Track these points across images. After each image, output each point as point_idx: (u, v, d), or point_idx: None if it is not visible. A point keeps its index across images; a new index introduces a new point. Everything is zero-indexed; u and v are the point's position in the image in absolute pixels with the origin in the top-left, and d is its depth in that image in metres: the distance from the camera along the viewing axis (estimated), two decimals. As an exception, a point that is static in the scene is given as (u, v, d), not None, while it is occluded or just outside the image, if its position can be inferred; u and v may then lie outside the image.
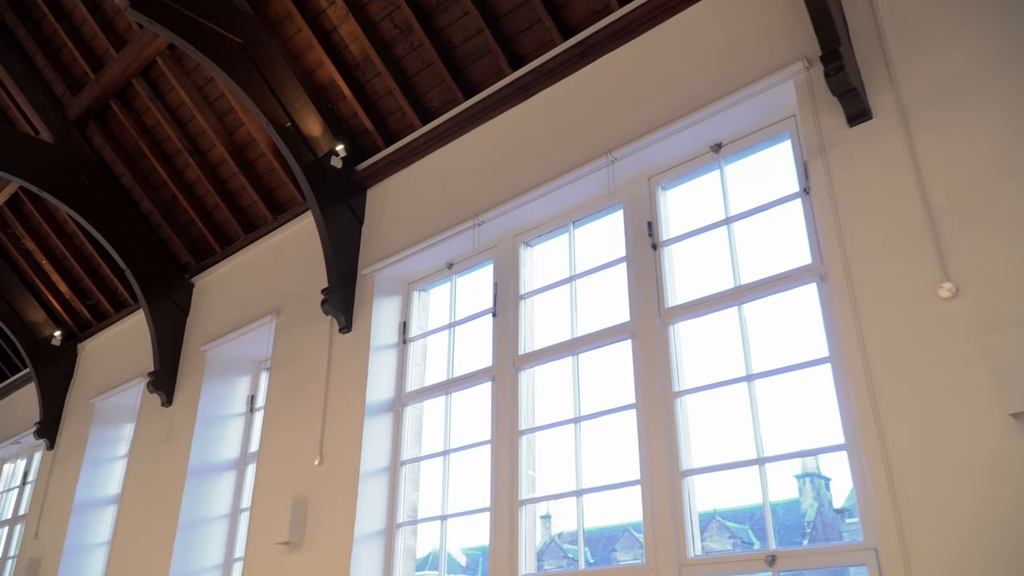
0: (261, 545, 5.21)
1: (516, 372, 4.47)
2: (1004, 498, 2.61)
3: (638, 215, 4.21)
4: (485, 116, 5.02)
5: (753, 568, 3.26)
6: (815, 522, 21.23)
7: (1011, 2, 3.11)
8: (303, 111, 5.55)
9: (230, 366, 6.61)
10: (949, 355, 2.86)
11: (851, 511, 20.31)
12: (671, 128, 4.01)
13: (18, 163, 6.42)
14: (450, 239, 4.95)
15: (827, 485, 22.39)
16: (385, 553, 4.70)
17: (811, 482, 21.80)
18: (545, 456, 4.38)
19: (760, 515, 23.60)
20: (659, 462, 3.65)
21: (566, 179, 4.38)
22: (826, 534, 21.33)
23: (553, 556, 25.23)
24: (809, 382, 4.37)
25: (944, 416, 2.81)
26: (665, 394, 3.76)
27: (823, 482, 22.14)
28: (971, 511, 2.66)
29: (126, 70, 6.29)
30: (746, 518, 23.11)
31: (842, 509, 20.79)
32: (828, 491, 22.46)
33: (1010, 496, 2.60)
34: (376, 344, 5.16)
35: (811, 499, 21.70)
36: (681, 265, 4.07)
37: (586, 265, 4.46)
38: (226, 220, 6.77)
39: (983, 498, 2.65)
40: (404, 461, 4.91)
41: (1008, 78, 3.02)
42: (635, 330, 3.98)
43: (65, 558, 7.21)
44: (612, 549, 23.18)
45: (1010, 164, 2.92)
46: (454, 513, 4.52)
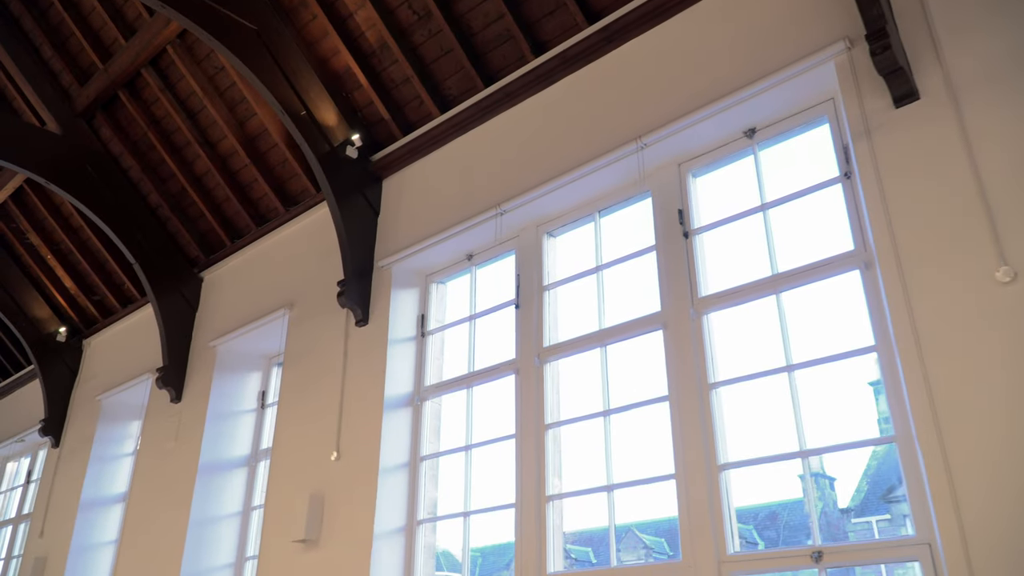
0: (276, 543, 5.09)
1: (541, 365, 4.35)
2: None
3: (668, 203, 4.09)
4: (506, 104, 4.90)
5: (798, 565, 3.15)
6: (820, 522, 21.16)
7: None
8: (318, 100, 5.43)
9: (241, 361, 6.49)
10: (1008, 342, 2.74)
11: (857, 511, 20.23)
12: (703, 113, 3.89)
13: (25, 154, 6.30)
14: (470, 229, 4.84)
15: (831, 485, 22.28)
16: (406, 550, 4.57)
17: (815, 482, 21.67)
18: (571, 451, 4.27)
19: (764, 515, 23.46)
20: (695, 456, 3.53)
21: (593, 166, 4.26)
22: (831, 534, 21.25)
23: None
24: (847, 373, 4.26)
25: (1005, 406, 2.69)
26: (700, 386, 3.64)
27: (827, 482, 22.02)
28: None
29: (135, 59, 6.17)
30: (750, 518, 22.98)
31: (848, 509, 20.70)
32: (833, 491, 22.34)
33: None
34: (394, 337, 5.04)
35: (815, 499, 21.62)
36: (714, 254, 3.95)
37: (613, 255, 4.34)
38: (236, 213, 6.65)
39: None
40: (424, 456, 4.79)
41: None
42: (667, 320, 3.86)
43: (72, 557, 7.09)
44: (616, 550, 23.03)
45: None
46: (478, 510, 4.39)
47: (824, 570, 3.07)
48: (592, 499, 4.08)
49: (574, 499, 4.09)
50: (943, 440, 2.77)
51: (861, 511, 20.24)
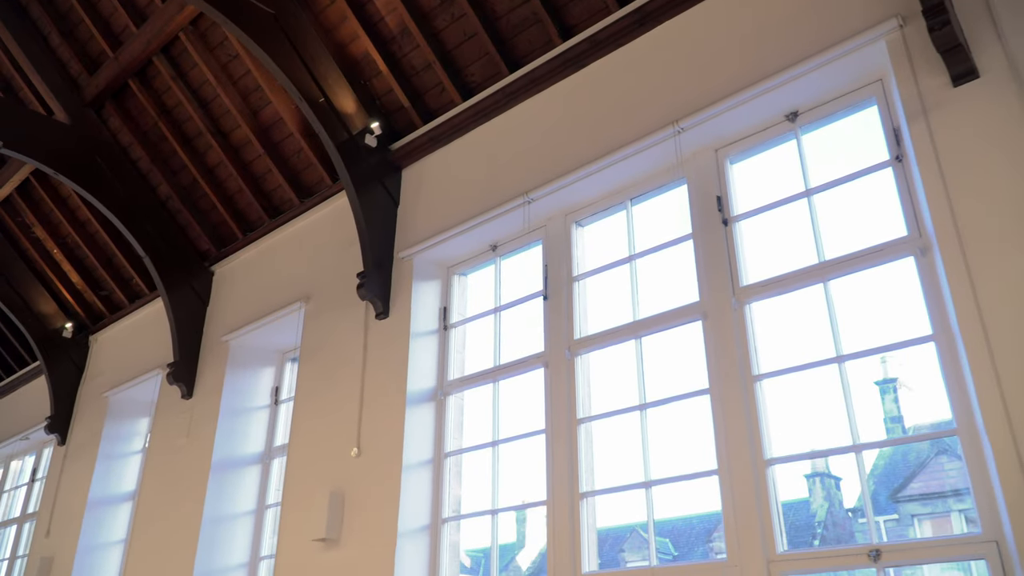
0: (294, 541, 4.95)
1: (572, 357, 4.21)
2: None
3: (705, 190, 3.95)
4: (532, 90, 4.76)
5: (854, 564, 3.01)
6: (826, 522, 21.01)
7: None
8: (336, 86, 5.28)
9: (253, 356, 6.34)
10: (1083, 329, 2.60)
11: (863, 511, 20.06)
12: (742, 97, 3.75)
13: (32, 144, 6.15)
14: (495, 219, 4.69)
15: (837, 485, 22.13)
16: (431, 549, 4.43)
17: (821, 482, 21.54)
18: (602, 446, 4.13)
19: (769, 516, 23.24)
20: (739, 450, 3.40)
21: (626, 152, 4.12)
22: (837, 534, 21.11)
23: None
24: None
25: (1082, 395, 2.55)
26: (744, 378, 3.50)
27: (833, 482, 21.88)
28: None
29: (147, 47, 6.02)
30: (755, 518, 22.78)
31: (854, 509, 20.55)
32: (839, 491, 22.20)
33: None
34: (416, 330, 4.90)
35: (821, 499, 21.45)
36: (755, 242, 3.81)
37: (645, 244, 4.20)
38: (249, 205, 6.50)
39: None
40: (448, 453, 4.64)
41: None
42: (707, 311, 3.72)
43: (79, 557, 6.94)
44: (620, 550, 22.86)
45: None
46: (507, 507, 4.25)
47: (882, 569, 2.93)
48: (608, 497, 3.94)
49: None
50: (1014, 432, 2.63)
51: (866, 512, 20.05)
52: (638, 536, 23.03)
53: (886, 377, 21.46)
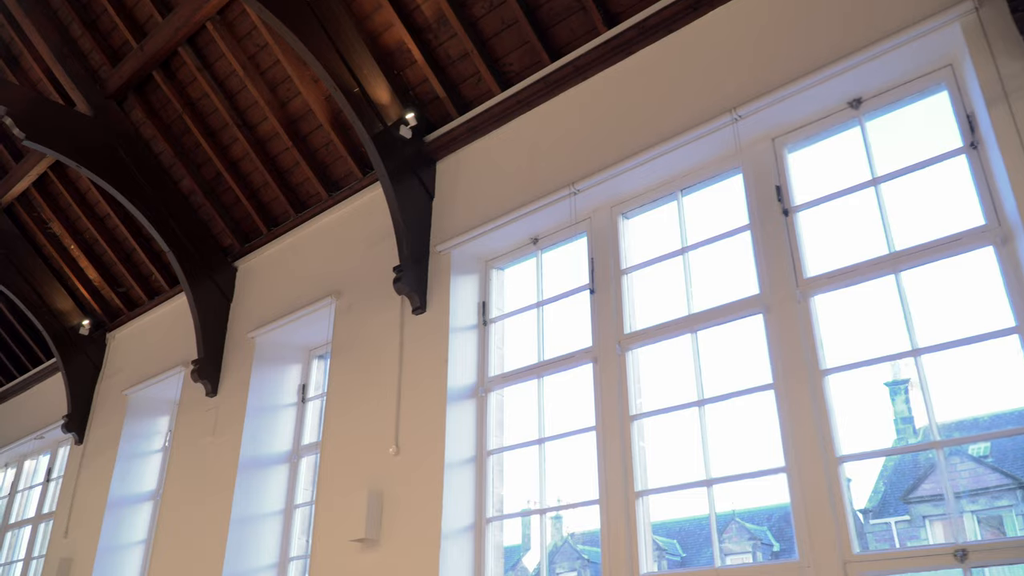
0: (330, 542, 4.82)
1: (623, 353, 4.09)
2: None
3: (763, 179, 3.84)
4: (576, 79, 4.65)
5: (938, 564, 2.90)
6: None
7: None
8: (370, 76, 5.17)
9: (280, 353, 6.22)
10: None
11: (875, 512, 19.98)
12: (804, 83, 3.64)
13: (55, 137, 6.03)
14: (538, 211, 4.58)
15: (847, 486, 22.01)
16: (475, 550, 4.31)
17: (829, 482, 21.44)
18: (654, 443, 4.01)
19: (777, 516, 23.20)
20: (808, 447, 3.28)
21: (679, 141, 4.01)
22: (847, 535, 21.00)
23: (566, 558, 24.74)
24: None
25: None
26: (811, 372, 3.39)
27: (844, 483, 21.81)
28: None
29: (173, 37, 5.90)
30: (764, 519, 22.75)
31: (865, 510, 20.46)
32: (848, 492, 22.08)
33: None
34: (455, 325, 4.78)
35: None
36: (818, 232, 3.70)
37: (697, 236, 4.09)
38: (274, 199, 6.38)
39: None
40: (491, 451, 4.52)
41: None
42: (769, 303, 3.61)
43: (100, 558, 6.81)
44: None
45: None
46: (559, 506, 4.14)
47: (968, 570, 2.82)
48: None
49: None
50: (1118, 427, 2.51)
51: (879, 512, 19.98)
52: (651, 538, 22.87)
53: (896, 378, 21.38)
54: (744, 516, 22.50)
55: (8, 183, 7.67)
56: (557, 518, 25.99)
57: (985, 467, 18.84)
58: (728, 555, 21.08)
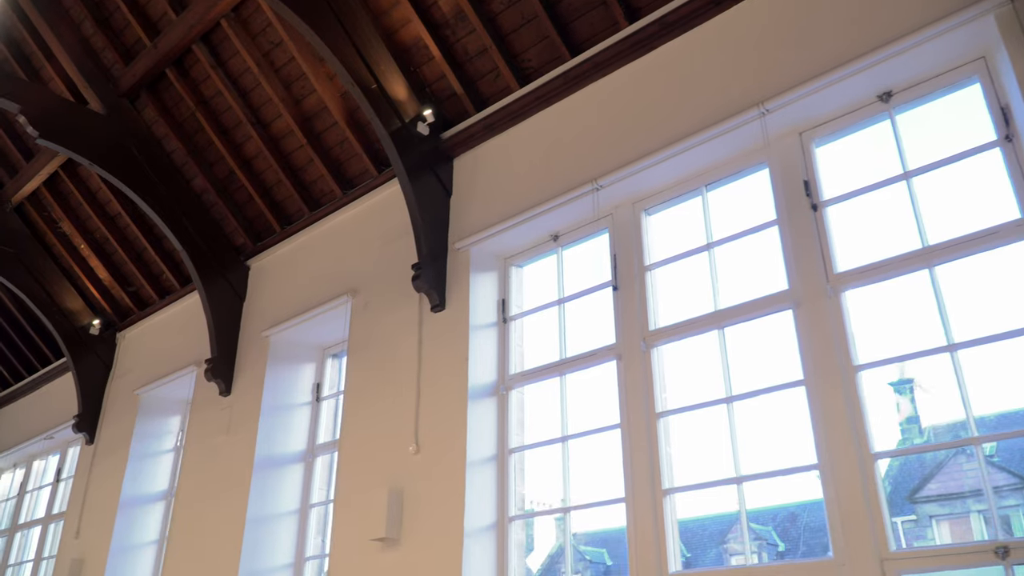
0: (349, 541, 4.78)
1: (647, 350, 4.05)
2: None
3: (790, 174, 3.80)
4: (597, 74, 4.61)
5: (977, 562, 2.86)
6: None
7: None
8: (388, 72, 5.13)
9: (294, 352, 6.19)
10: None
11: (881, 511, 19.95)
12: (834, 76, 3.60)
13: (68, 135, 5.99)
14: (559, 208, 4.54)
15: (882, 484, 21.97)
16: (498, 549, 4.28)
17: (836, 482, 21.40)
18: (680, 441, 3.98)
19: (782, 516, 23.16)
20: (842, 444, 3.24)
21: (704, 136, 3.97)
22: (853, 535, 20.98)
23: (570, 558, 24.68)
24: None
25: None
26: (844, 368, 3.35)
27: (848, 482, 21.77)
28: None
29: (187, 34, 5.86)
30: (769, 519, 22.71)
31: (872, 509, 20.36)
32: (883, 490, 22.01)
33: None
34: (474, 323, 4.75)
35: (836, 499, 21.30)
36: (847, 227, 3.66)
37: (723, 231, 4.05)
38: (288, 197, 6.35)
39: None
40: (512, 449, 4.49)
41: None
42: (799, 299, 3.57)
43: (112, 558, 6.77)
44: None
45: None
46: (585, 504, 4.10)
47: (1011, 566, 2.78)
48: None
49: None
50: None
51: (886, 512, 19.89)
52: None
53: (902, 378, 21.34)
54: (748, 516, 22.45)
55: (19, 182, 7.64)
56: (560, 519, 26.02)
57: (992, 466, 18.85)
58: (733, 555, 21.05)
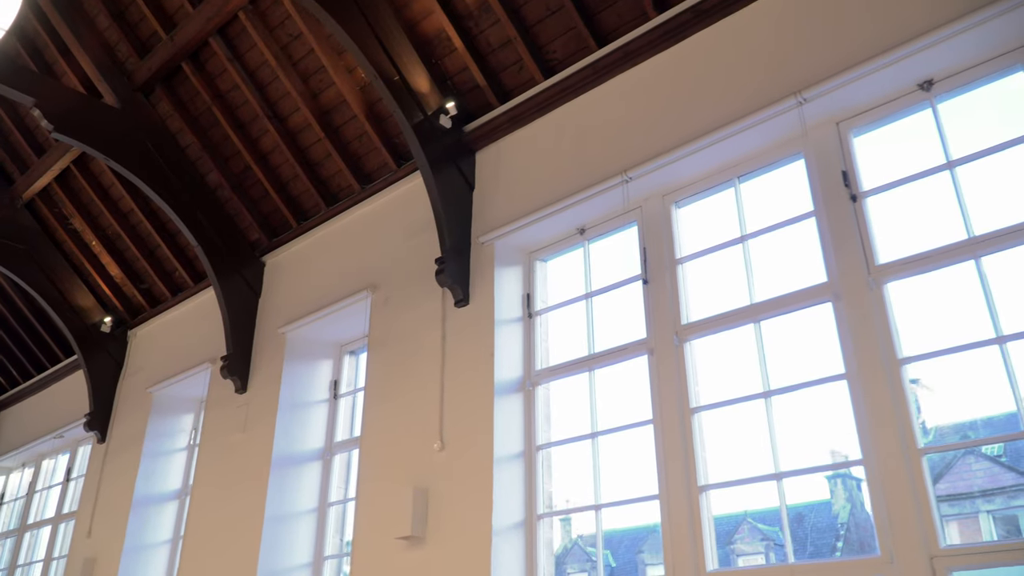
0: (372, 540, 4.71)
1: (680, 344, 3.98)
2: None
3: (827, 164, 3.72)
4: (625, 65, 4.54)
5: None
6: (848, 523, 20.88)
7: None
8: (410, 64, 5.06)
9: (310, 349, 6.11)
10: None
11: (889, 512, 19.89)
12: (874, 64, 3.53)
13: (83, 129, 5.92)
14: (586, 200, 4.47)
15: (859, 486, 21.97)
16: (526, 547, 4.20)
17: (842, 483, 21.38)
18: (713, 437, 3.90)
19: (790, 517, 23.09)
20: (887, 438, 3.17)
21: (739, 126, 3.89)
22: (859, 536, 20.98)
23: (576, 560, 24.67)
24: None
25: None
26: (887, 363, 3.28)
27: (854, 483, 21.75)
28: None
29: (204, 27, 5.79)
30: (775, 520, 22.64)
31: (880, 510, 20.30)
32: (860, 492, 22.04)
33: None
34: (499, 318, 4.67)
35: (843, 500, 21.27)
36: (887, 218, 3.59)
37: (756, 223, 3.98)
38: (304, 192, 6.27)
39: None
40: (540, 445, 4.41)
41: None
42: (838, 291, 3.50)
43: (125, 557, 6.70)
44: (639, 551, 22.64)
45: None
46: (617, 501, 4.02)
47: (1069, 565, 2.71)
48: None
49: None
50: None
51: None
52: (657, 537, 22.77)
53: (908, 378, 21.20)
54: (755, 517, 22.43)
55: (30, 178, 7.58)
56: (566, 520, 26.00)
57: (1000, 466, 18.75)
58: (740, 556, 21.00)
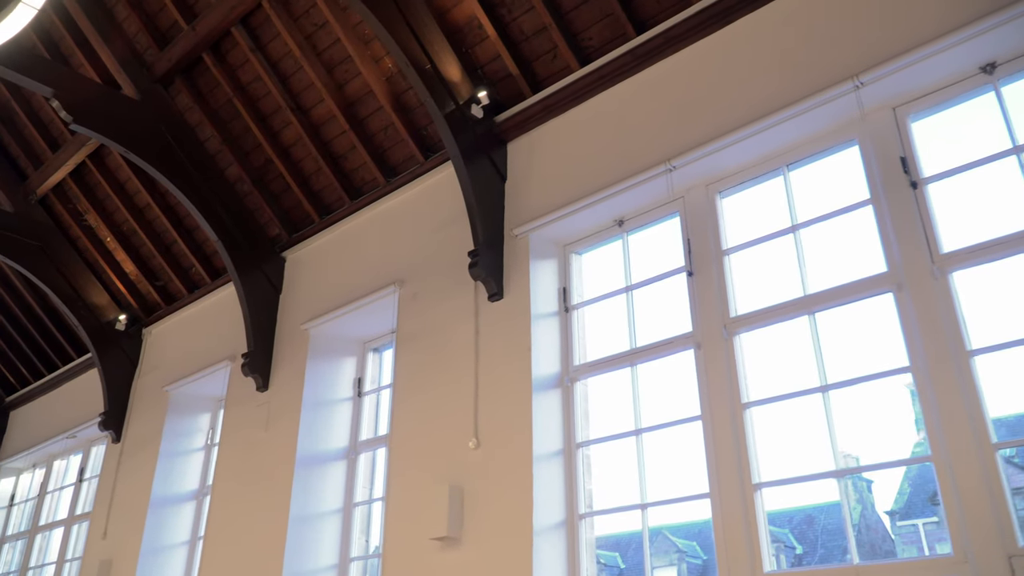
0: (404, 540, 4.58)
1: (729, 337, 3.85)
2: None
3: (885, 151, 3.60)
4: (666, 51, 4.41)
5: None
6: (859, 525, 20.69)
7: None
8: (441, 53, 4.94)
9: (334, 346, 5.98)
10: None
11: (901, 514, 19.69)
12: (935, 47, 3.41)
13: (102, 121, 5.80)
14: (626, 191, 4.35)
15: (869, 488, 21.83)
16: (568, 547, 4.07)
17: (853, 484, 21.19)
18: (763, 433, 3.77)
19: (800, 519, 22.93)
20: (959, 433, 3.04)
21: (791, 111, 3.77)
22: (871, 538, 20.79)
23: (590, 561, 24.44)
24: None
25: None
26: (955, 354, 3.15)
27: (865, 484, 21.57)
28: None
29: (227, 16, 5.67)
30: (785, 521, 22.46)
31: (892, 511, 20.16)
32: (871, 494, 21.89)
33: None
34: (536, 312, 4.54)
35: (854, 502, 21.07)
36: (950, 205, 3.46)
37: (807, 213, 3.85)
38: (327, 186, 6.14)
39: None
40: (580, 443, 4.28)
41: None
42: (900, 282, 3.37)
43: (143, 559, 6.56)
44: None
45: None
46: (659, 501, 3.89)
47: None
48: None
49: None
50: None
51: (905, 514, 19.71)
52: (664, 539, 22.64)
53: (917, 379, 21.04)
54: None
55: (44, 174, 7.46)
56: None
57: (1014, 467, 18.61)
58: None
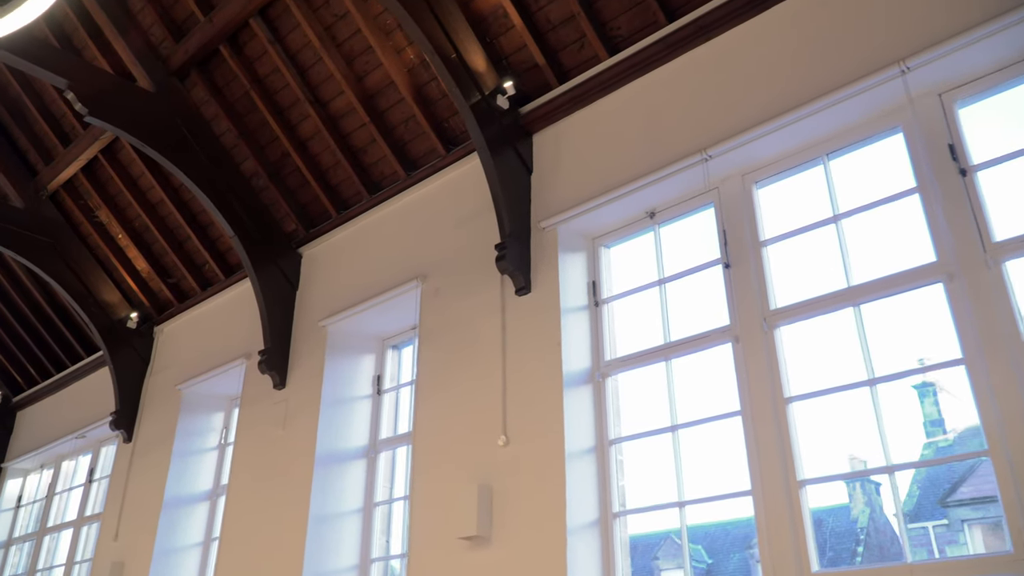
0: (431, 540, 4.47)
1: (770, 330, 3.75)
2: None
3: (932, 138, 3.50)
4: (699, 39, 4.32)
5: None
6: (868, 528, 20.57)
7: None
8: (466, 42, 4.85)
9: (352, 342, 5.88)
10: None
11: (911, 516, 19.56)
12: (985, 31, 3.31)
13: (117, 114, 5.69)
14: (659, 182, 4.25)
15: (877, 490, 21.72)
16: (603, 547, 3.96)
17: (861, 487, 21.08)
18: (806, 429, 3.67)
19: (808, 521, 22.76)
20: (1019, 427, 2.94)
21: (834, 98, 3.67)
22: (880, 541, 20.66)
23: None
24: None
25: None
26: (1011, 344, 3.04)
27: (873, 487, 21.46)
28: None
29: (245, 7, 5.57)
30: (791, 524, 22.29)
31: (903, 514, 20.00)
32: (879, 496, 21.78)
33: None
34: (565, 306, 4.44)
35: (862, 504, 20.98)
36: (1000, 194, 3.36)
37: (847, 203, 3.75)
38: (345, 180, 6.04)
39: None
40: (613, 440, 4.18)
41: None
42: (952, 272, 3.27)
43: (156, 560, 6.45)
44: (654, 557, 22.29)
45: None
46: (697, 499, 3.79)
47: None
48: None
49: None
50: None
51: (915, 516, 19.59)
52: (672, 543, 22.51)
53: (925, 381, 21.03)
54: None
55: (55, 169, 7.35)
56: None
57: None
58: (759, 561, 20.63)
